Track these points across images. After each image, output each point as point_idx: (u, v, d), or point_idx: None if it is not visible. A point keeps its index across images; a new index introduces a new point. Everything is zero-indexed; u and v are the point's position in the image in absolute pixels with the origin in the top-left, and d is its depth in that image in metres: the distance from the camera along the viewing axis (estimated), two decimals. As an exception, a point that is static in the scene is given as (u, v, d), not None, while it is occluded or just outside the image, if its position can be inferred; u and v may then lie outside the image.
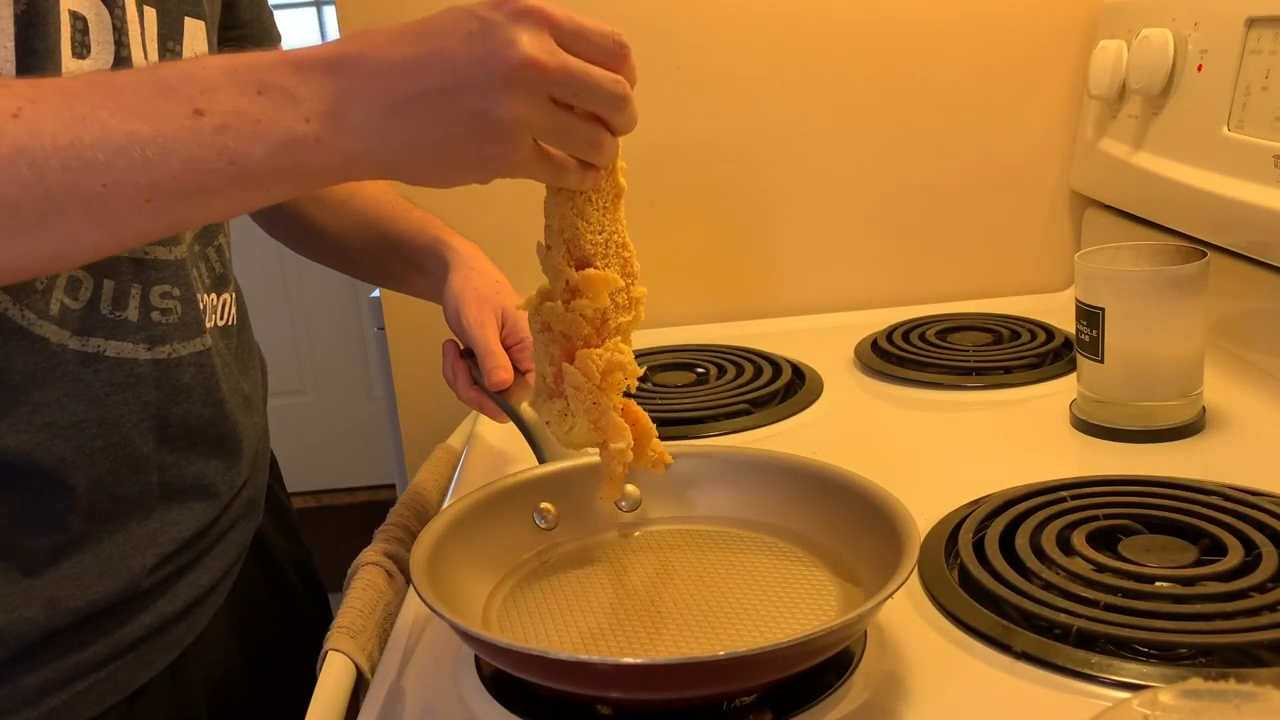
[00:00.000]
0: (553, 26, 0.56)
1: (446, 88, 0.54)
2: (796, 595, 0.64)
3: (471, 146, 0.56)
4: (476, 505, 0.69)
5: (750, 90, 1.25)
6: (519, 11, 0.55)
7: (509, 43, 0.54)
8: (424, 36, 0.55)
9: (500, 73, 0.54)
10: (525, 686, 0.59)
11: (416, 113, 0.54)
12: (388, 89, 0.54)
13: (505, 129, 0.55)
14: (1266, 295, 0.93)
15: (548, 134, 0.58)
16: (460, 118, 0.55)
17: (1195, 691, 0.42)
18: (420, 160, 0.56)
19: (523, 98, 0.55)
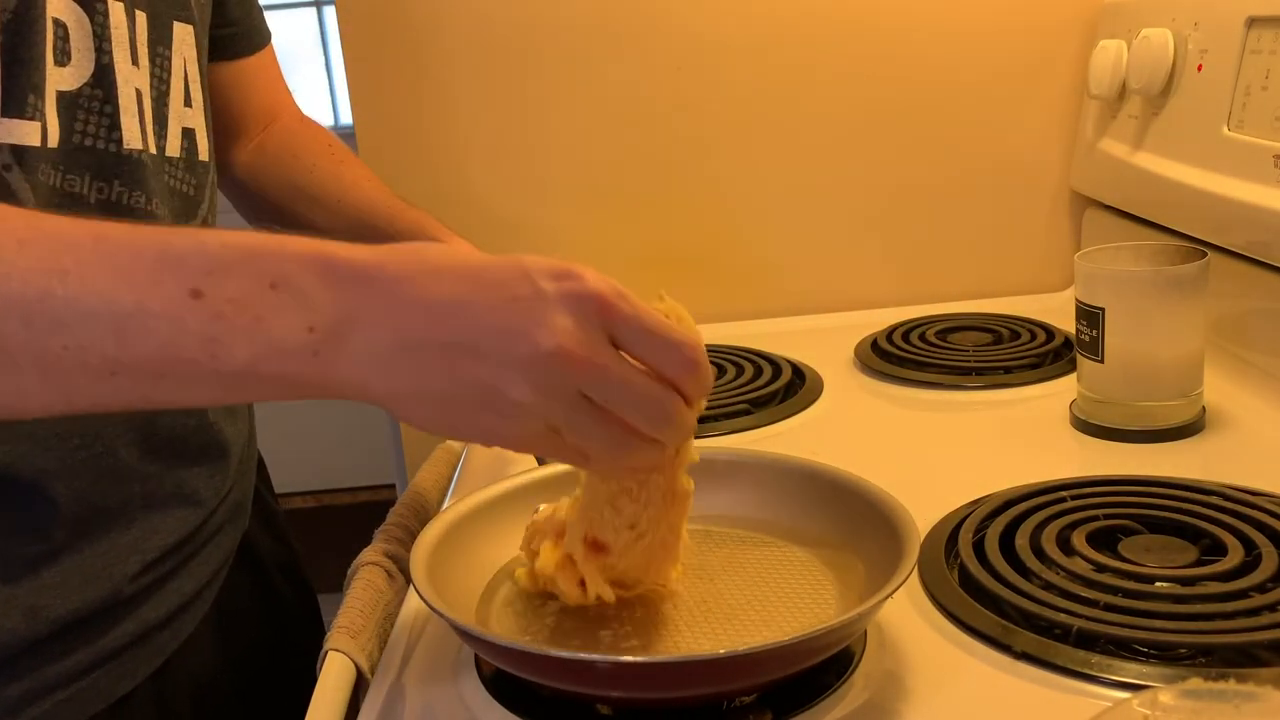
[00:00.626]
0: (610, 318, 0.50)
1: (463, 347, 0.49)
2: (796, 595, 0.64)
3: (472, 414, 0.51)
4: (477, 506, 0.69)
5: (750, 89, 1.25)
6: (575, 294, 0.50)
7: (544, 325, 0.49)
8: (470, 282, 0.50)
9: (523, 355, 0.49)
10: (525, 686, 0.59)
11: (425, 360, 0.49)
12: (402, 326, 0.49)
13: (512, 409, 0.50)
14: (1266, 295, 0.93)
15: (564, 426, 0.51)
16: (468, 382, 0.50)
17: (1195, 691, 0.42)
18: (417, 408, 0.51)
19: (540, 386, 0.49)
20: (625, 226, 1.28)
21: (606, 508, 0.58)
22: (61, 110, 0.63)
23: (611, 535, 0.59)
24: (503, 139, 1.26)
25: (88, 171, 0.64)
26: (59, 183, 0.63)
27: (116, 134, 0.66)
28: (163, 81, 0.71)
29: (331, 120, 3.34)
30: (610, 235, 1.28)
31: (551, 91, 1.25)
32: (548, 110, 1.25)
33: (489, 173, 1.27)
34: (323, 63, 3.29)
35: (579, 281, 0.50)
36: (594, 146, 1.26)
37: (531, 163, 1.27)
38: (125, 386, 0.48)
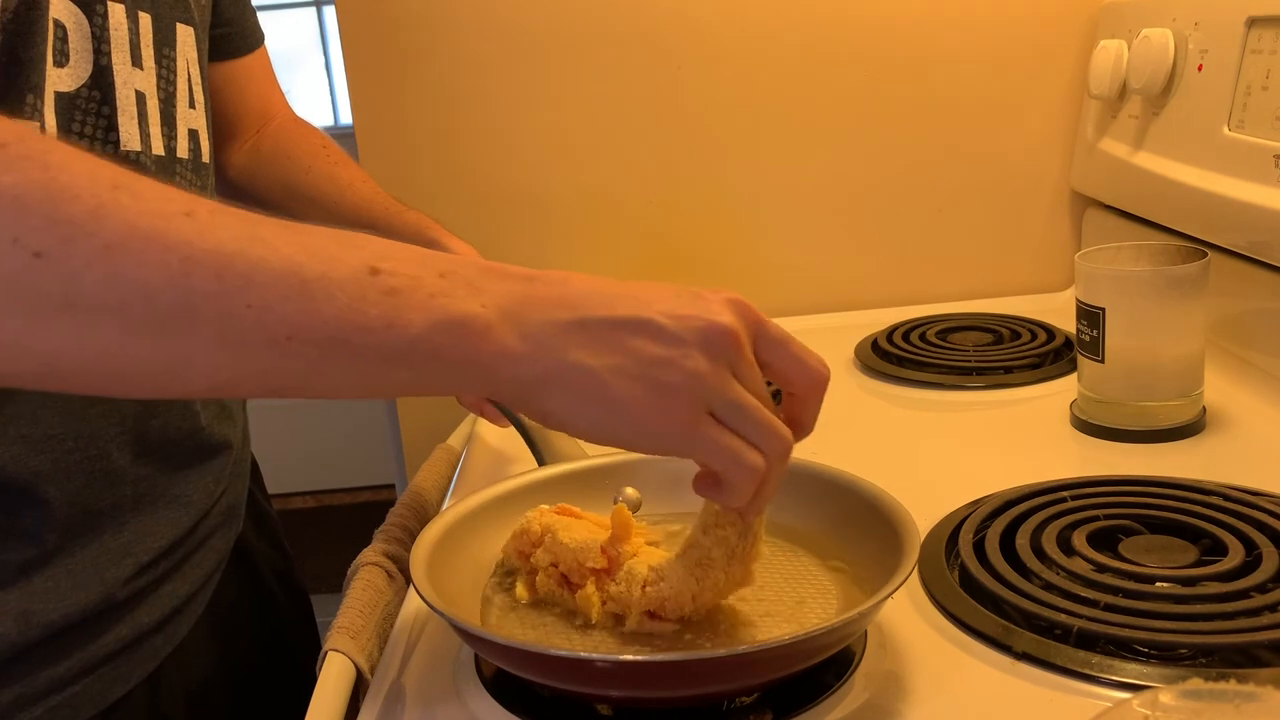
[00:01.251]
0: (758, 325, 0.54)
1: (637, 322, 0.50)
2: (796, 595, 0.64)
3: (639, 390, 0.50)
4: (478, 506, 0.69)
5: (749, 89, 1.25)
6: (731, 299, 0.53)
7: (713, 310, 0.52)
8: (628, 284, 0.53)
9: (697, 328, 0.51)
10: (525, 686, 0.59)
11: (598, 335, 0.50)
12: (576, 304, 0.50)
13: (686, 381, 0.50)
14: (1266, 295, 0.93)
15: (725, 404, 0.52)
16: (641, 355, 0.50)
17: (1195, 692, 0.42)
18: (581, 385, 0.50)
19: (711, 358, 0.51)
20: (625, 227, 1.28)
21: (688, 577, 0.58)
22: (59, 111, 0.62)
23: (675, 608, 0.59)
24: (502, 139, 1.26)
25: None
26: None
27: (114, 135, 0.65)
28: (169, 83, 0.71)
29: (331, 120, 3.34)
30: (610, 235, 1.28)
31: (551, 91, 1.25)
32: (547, 110, 1.25)
33: (489, 173, 1.27)
34: (323, 63, 3.29)
35: (730, 293, 0.53)
36: (594, 146, 1.26)
37: (531, 163, 1.27)
38: (296, 354, 0.47)
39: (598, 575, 0.61)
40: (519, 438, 0.84)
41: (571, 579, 0.62)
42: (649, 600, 0.59)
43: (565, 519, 0.64)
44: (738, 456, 0.52)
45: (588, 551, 0.61)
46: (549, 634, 0.61)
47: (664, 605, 0.59)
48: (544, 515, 0.65)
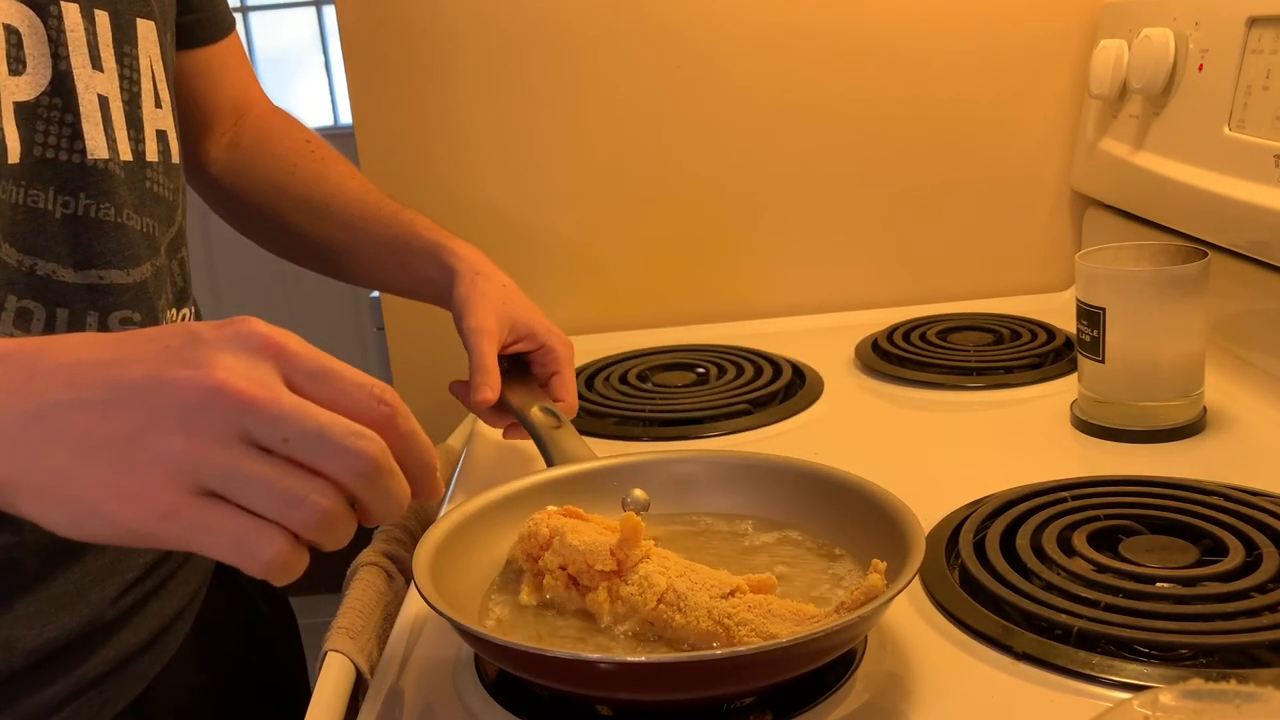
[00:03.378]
0: (284, 359, 0.45)
1: (104, 401, 0.43)
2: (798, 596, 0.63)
3: (103, 478, 0.43)
4: (481, 508, 0.69)
5: (749, 89, 1.25)
6: (241, 335, 0.45)
7: (203, 363, 0.43)
8: (122, 343, 0.45)
9: (175, 395, 0.43)
10: (525, 687, 0.59)
11: (58, 424, 0.43)
12: (39, 389, 0.44)
13: (152, 460, 0.43)
14: (1267, 295, 0.93)
15: (225, 480, 0.43)
16: (104, 438, 0.43)
17: (1196, 692, 0.42)
18: (44, 484, 0.43)
19: (194, 429, 0.43)
20: (625, 226, 1.28)
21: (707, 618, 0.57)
22: (20, 122, 0.60)
23: (682, 638, 0.58)
24: (503, 139, 1.26)
25: (51, 185, 0.62)
26: (21, 199, 0.60)
27: (79, 144, 0.63)
28: (133, 84, 0.68)
29: (331, 120, 3.34)
30: (610, 235, 1.28)
31: (551, 91, 1.25)
32: (547, 110, 1.25)
33: (489, 173, 1.27)
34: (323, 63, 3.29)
35: (245, 324, 0.45)
36: (594, 146, 1.26)
37: (531, 163, 1.27)
38: None
39: (607, 578, 0.61)
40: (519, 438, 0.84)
41: (580, 581, 0.62)
42: (658, 615, 0.59)
43: (573, 521, 0.64)
44: (236, 539, 0.43)
45: (596, 554, 0.61)
46: (555, 635, 0.61)
47: (670, 628, 0.59)
48: (551, 517, 0.64)
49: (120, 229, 0.65)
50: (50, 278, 0.62)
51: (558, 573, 0.63)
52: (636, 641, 0.60)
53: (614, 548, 0.61)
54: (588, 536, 0.62)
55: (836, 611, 0.55)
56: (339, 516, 0.45)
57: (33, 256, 0.61)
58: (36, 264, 0.61)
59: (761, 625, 0.56)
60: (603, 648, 0.59)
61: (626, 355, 1.14)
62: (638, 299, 1.30)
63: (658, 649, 0.59)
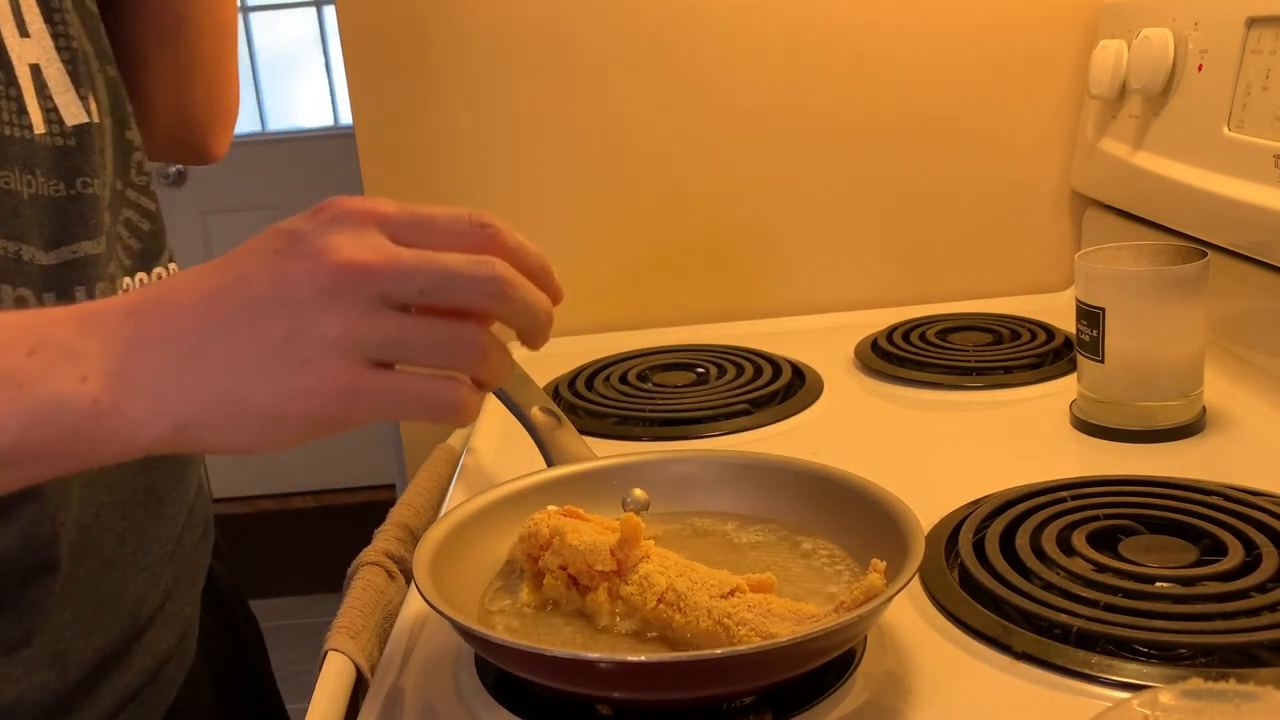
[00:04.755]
0: (382, 221, 0.47)
1: (247, 317, 0.45)
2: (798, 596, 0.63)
3: (278, 384, 0.44)
4: (482, 508, 0.69)
5: (750, 90, 1.25)
6: (335, 215, 0.46)
7: (319, 251, 0.45)
8: (230, 263, 0.47)
9: (309, 285, 0.45)
10: (525, 686, 0.59)
11: (215, 354, 0.45)
12: (183, 331, 0.45)
13: (319, 350, 0.44)
14: (1266, 295, 0.93)
15: (387, 346, 0.45)
16: (264, 349, 0.44)
17: (1195, 692, 0.42)
18: (222, 411, 0.45)
19: (341, 309, 0.44)
20: (625, 227, 1.28)
21: (707, 619, 0.57)
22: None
23: (682, 638, 0.59)
24: (503, 139, 1.26)
25: (15, 164, 0.59)
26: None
27: (26, 120, 0.59)
28: (70, 39, 0.64)
29: (331, 120, 3.34)
30: (610, 235, 1.28)
31: (551, 91, 1.25)
32: (547, 110, 1.25)
33: (488, 173, 1.27)
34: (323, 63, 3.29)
35: (334, 205, 0.47)
36: (593, 146, 1.26)
37: (531, 163, 1.27)
38: None
39: (607, 578, 0.61)
40: (519, 437, 0.84)
41: (580, 581, 0.62)
42: (658, 615, 0.59)
43: (573, 521, 0.64)
44: (419, 395, 0.46)
45: (596, 554, 0.61)
46: (555, 635, 0.61)
47: (670, 628, 0.59)
48: (551, 517, 0.64)
49: (79, 199, 0.62)
50: (32, 262, 0.60)
51: (558, 573, 0.63)
52: (636, 641, 0.60)
53: (614, 548, 0.61)
54: (588, 536, 0.62)
55: (836, 611, 0.56)
56: (494, 345, 0.48)
57: (16, 242, 0.59)
58: (21, 249, 0.59)
59: (761, 625, 0.56)
60: (603, 648, 0.59)
61: (626, 355, 1.14)
62: (638, 299, 1.30)
63: (658, 649, 0.59)
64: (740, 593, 0.59)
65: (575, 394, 1.04)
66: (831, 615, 0.55)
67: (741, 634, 0.56)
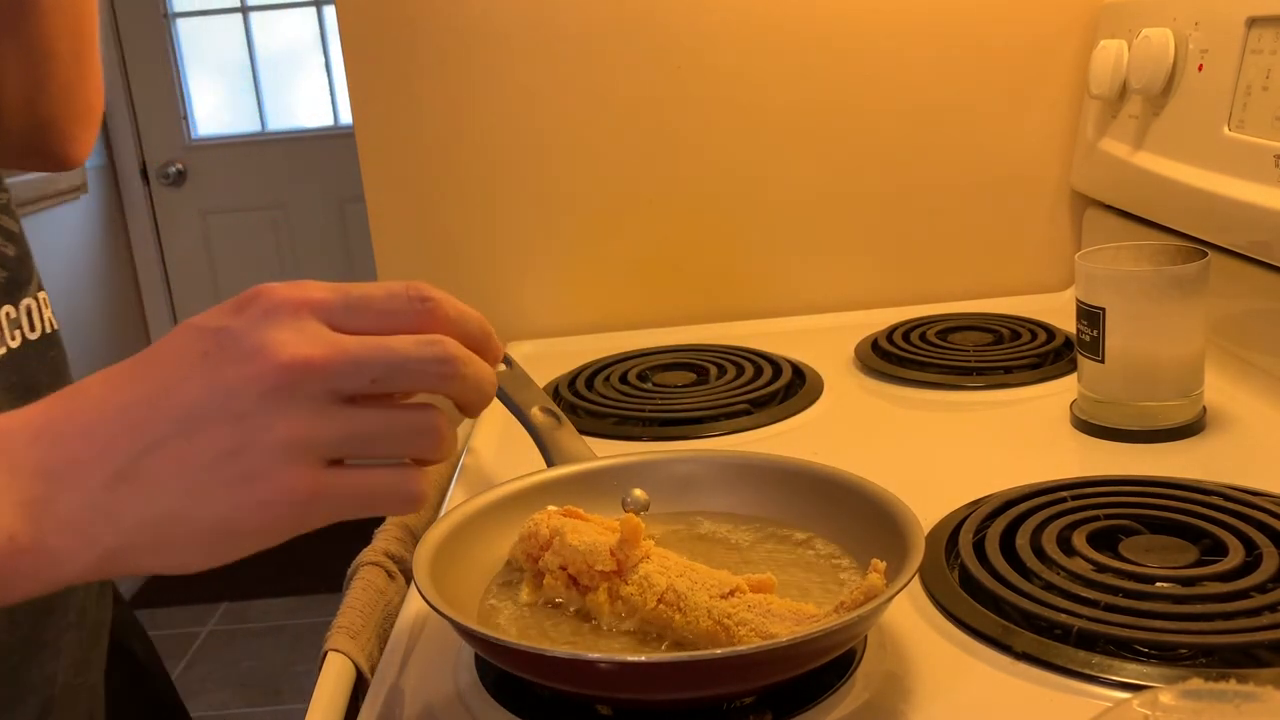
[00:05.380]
0: (318, 308, 0.43)
1: (181, 430, 0.41)
2: (798, 596, 0.63)
3: (226, 501, 0.41)
4: (482, 508, 0.69)
5: (750, 89, 1.25)
6: (267, 309, 0.43)
7: (257, 350, 0.42)
8: (147, 370, 0.43)
9: (252, 390, 0.41)
10: (525, 686, 0.59)
11: (148, 475, 0.41)
12: (108, 452, 0.41)
13: (270, 460, 0.41)
14: (1266, 295, 0.93)
15: (342, 444, 0.43)
16: (207, 464, 0.41)
17: (1196, 692, 0.42)
18: (162, 536, 0.41)
19: (290, 412, 0.42)
20: (625, 227, 1.28)
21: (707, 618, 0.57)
22: None
23: (682, 637, 0.59)
24: (502, 139, 1.26)
25: None
26: None
27: None
28: None
29: (331, 120, 3.34)
30: (610, 235, 1.28)
31: (551, 91, 1.25)
32: (547, 110, 1.25)
33: (488, 173, 1.27)
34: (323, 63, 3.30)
35: (263, 297, 0.43)
36: (593, 146, 1.26)
37: (531, 163, 1.27)
38: None
39: (607, 578, 0.61)
40: (518, 437, 0.84)
41: (580, 581, 0.62)
42: (658, 615, 0.59)
43: (573, 521, 0.64)
44: (384, 491, 0.44)
45: (596, 554, 0.61)
46: (555, 635, 0.61)
47: (670, 628, 0.59)
48: (551, 517, 0.64)
49: None
50: None
51: (558, 573, 0.63)
52: (636, 641, 0.60)
53: (614, 548, 0.61)
54: (588, 536, 0.62)
55: (836, 611, 0.56)
56: (448, 425, 0.46)
57: None
58: None
59: (761, 625, 0.56)
60: (603, 648, 0.59)
61: (626, 355, 1.14)
62: (638, 299, 1.30)
63: (658, 649, 0.59)
64: (740, 593, 0.59)
65: (575, 394, 1.04)
66: (831, 615, 0.55)
67: (741, 634, 0.56)
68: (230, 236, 3.34)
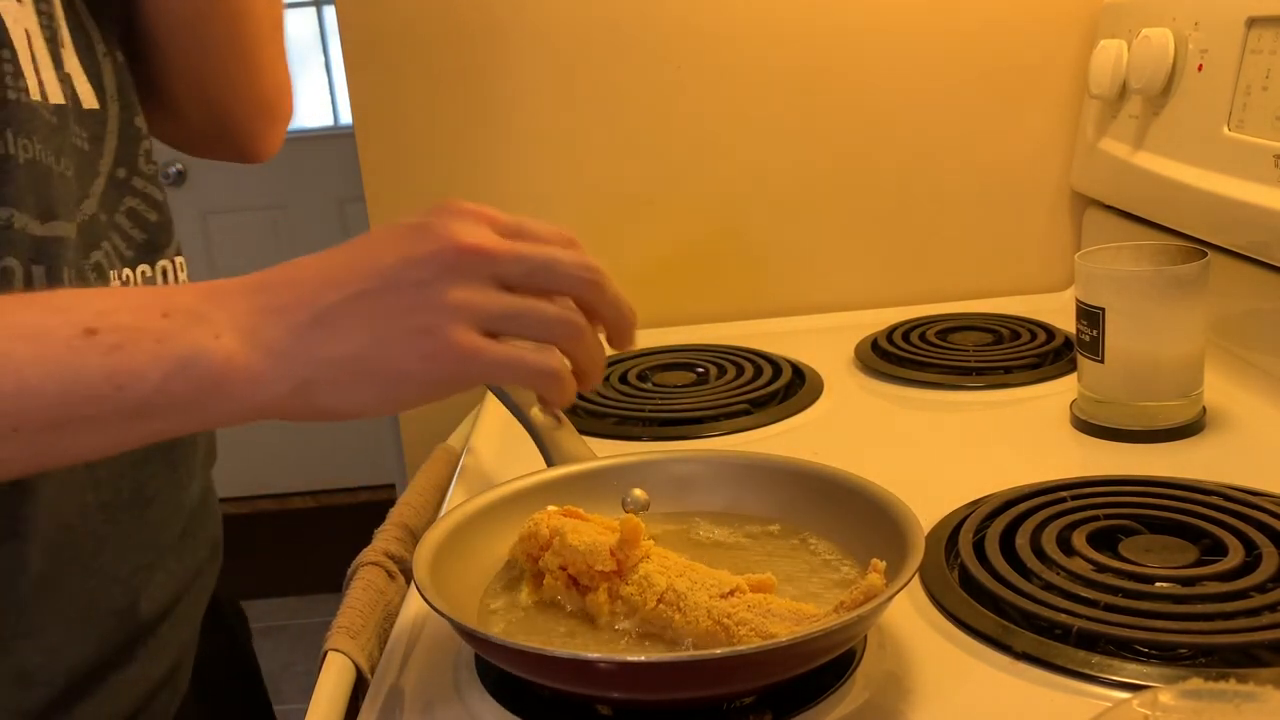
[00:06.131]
0: (494, 221, 0.54)
1: (375, 289, 0.50)
2: (798, 596, 0.63)
3: (402, 348, 0.49)
4: (485, 507, 0.69)
5: (750, 89, 1.25)
6: (458, 211, 0.53)
7: (443, 235, 0.51)
8: (357, 246, 0.52)
9: (433, 264, 0.50)
10: (525, 686, 0.59)
11: (341, 320, 0.49)
12: (311, 298, 0.49)
13: (441, 317, 0.50)
14: (1266, 295, 0.93)
15: (501, 318, 0.52)
16: (390, 315, 0.49)
17: (1195, 692, 0.42)
18: (346, 373, 0.49)
19: (463, 284, 0.50)
20: (625, 226, 1.28)
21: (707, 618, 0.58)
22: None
23: (682, 637, 0.59)
24: (502, 139, 1.26)
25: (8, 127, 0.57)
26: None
27: (22, 82, 0.59)
28: (52, 18, 0.63)
29: (331, 120, 3.34)
30: (610, 235, 1.28)
31: (551, 91, 1.25)
32: (547, 110, 1.25)
33: (489, 173, 1.27)
34: (323, 63, 3.29)
35: (453, 204, 0.53)
36: (594, 146, 1.26)
37: (531, 163, 1.27)
38: (27, 443, 0.46)
39: (607, 578, 0.61)
40: (518, 438, 0.84)
41: (580, 581, 0.62)
42: (658, 615, 0.59)
43: (573, 521, 0.64)
44: (527, 362, 0.52)
45: (596, 554, 0.61)
46: (555, 635, 0.61)
47: (670, 628, 0.59)
48: (551, 517, 0.64)
49: (62, 177, 0.61)
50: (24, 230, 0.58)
51: (558, 573, 0.63)
52: (636, 641, 0.60)
53: (614, 548, 0.61)
54: (588, 536, 0.62)
55: (836, 611, 0.56)
56: (590, 331, 0.55)
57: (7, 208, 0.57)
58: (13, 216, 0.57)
59: (761, 625, 0.56)
60: (603, 648, 0.59)
61: (626, 355, 1.14)
62: (638, 299, 1.29)
63: (658, 649, 0.59)
64: (740, 593, 0.59)
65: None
66: (831, 615, 0.55)
67: (741, 634, 0.56)
68: (230, 236, 3.34)
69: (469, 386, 0.51)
